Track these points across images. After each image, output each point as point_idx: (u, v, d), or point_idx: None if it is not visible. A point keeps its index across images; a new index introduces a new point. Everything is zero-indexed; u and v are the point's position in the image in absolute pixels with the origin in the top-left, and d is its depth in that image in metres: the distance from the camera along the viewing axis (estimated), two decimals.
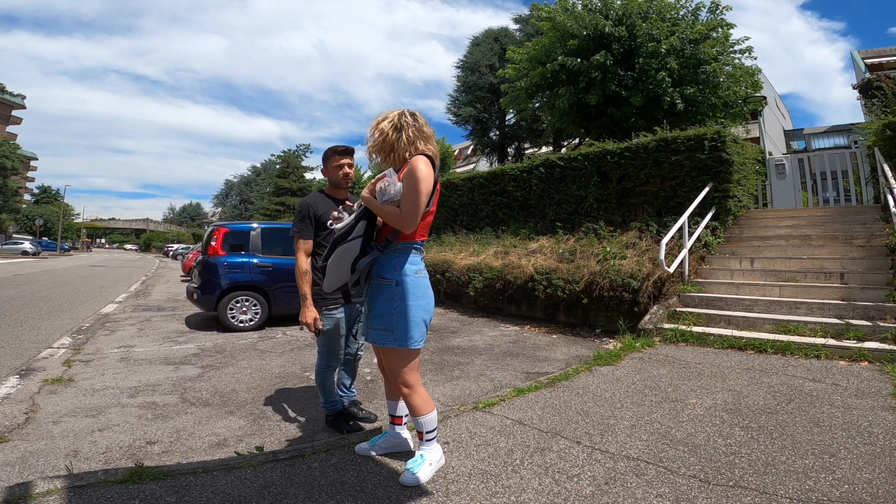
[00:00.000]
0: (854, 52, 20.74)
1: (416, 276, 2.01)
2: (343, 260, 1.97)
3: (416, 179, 1.88)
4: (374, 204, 1.94)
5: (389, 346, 1.98)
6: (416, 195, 1.88)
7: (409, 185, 1.88)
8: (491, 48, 19.70)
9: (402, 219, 1.89)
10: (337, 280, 2.02)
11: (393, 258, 2.00)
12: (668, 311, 5.32)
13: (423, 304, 2.01)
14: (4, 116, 54.51)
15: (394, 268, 1.98)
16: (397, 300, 1.96)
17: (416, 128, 2.02)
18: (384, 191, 1.92)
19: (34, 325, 6.12)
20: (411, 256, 2.01)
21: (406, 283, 1.97)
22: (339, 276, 2.00)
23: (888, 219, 5.87)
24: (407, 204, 1.89)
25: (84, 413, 3.04)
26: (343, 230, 1.99)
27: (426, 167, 1.92)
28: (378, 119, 2.06)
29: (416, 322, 1.98)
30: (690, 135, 6.83)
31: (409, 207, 1.88)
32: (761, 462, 2.20)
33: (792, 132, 25.17)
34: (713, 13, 10.14)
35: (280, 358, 4.60)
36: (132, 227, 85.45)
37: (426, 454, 2.06)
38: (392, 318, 1.96)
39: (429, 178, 1.91)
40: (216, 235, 6.27)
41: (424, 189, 1.89)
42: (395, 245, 2.00)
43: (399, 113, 2.04)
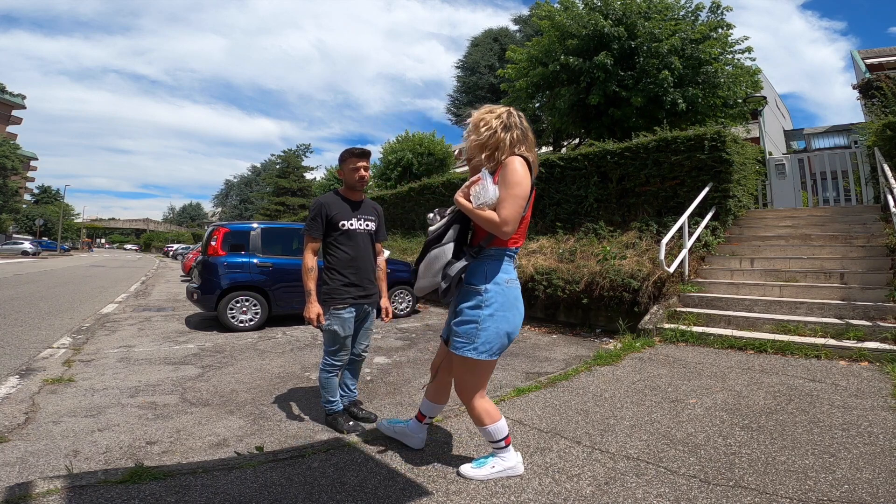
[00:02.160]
0: (854, 52, 20.73)
1: (506, 285, 1.91)
2: (434, 264, 1.88)
3: (513, 183, 1.79)
4: (468, 208, 1.83)
5: (466, 355, 1.90)
6: (514, 200, 1.78)
7: (507, 189, 1.79)
8: (490, 48, 19.73)
9: (498, 225, 1.79)
10: (428, 284, 1.93)
11: (485, 265, 1.91)
12: (668, 311, 5.32)
13: (509, 317, 1.92)
14: (4, 116, 54.53)
15: (484, 275, 1.90)
16: (484, 309, 1.88)
17: (522, 130, 1.93)
18: (479, 194, 1.82)
19: (34, 325, 6.12)
20: (504, 264, 1.93)
21: (495, 293, 1.89)
22: (430, 280, 1.92)
23: (888, 219, 5.87)
24: (504, 209, 1.78)
25: (84, 413, 3.04)
26: (435, 233, 1.93)
27: (524, 169, 1.83)
28: (482, 112, 1.95)
29: (499, 334, 1.90)
30: (690, 135, 6.83)
31: (507, 213, 1.78)
32: (761, 462, 2.20)
33: (792, 132, 25.15)
34: (714, 13, 10.14)
35: (280, 358, 4.60)
36: (132, 227, 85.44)
37: (494, 457, 2.08)
38: (475, 328, 1.88)
39: (527, 182, 1.83)
40: (216, 235, 6.27)
41: (522, 193, 1.81)
42: (487, 251, 1.91)
43: (507, 110, 1.94)
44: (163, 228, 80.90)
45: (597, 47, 9.79)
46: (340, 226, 2.71)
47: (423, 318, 7.24)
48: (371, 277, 2.85)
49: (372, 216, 2.88)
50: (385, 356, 4.70)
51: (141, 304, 8.84)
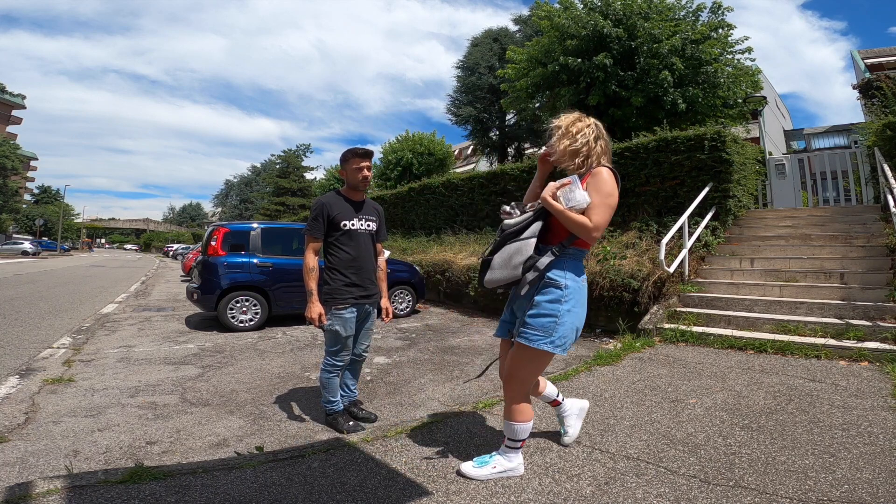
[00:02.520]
0: (854, 52, 20.74)
1: (582, 283, 2.02)
2: (514, 258, 1.93)
3: (607, 192, 1.90)
4: (559, 209, 1.89)
5: (541, 349, 1.93)
6: (606, 208, 1.90)
7: (601, 197, 1.89)
8: (490, 48, 19.71)
9: (590, 230, 1.87)
10: (503, 276, 1.97)
11: (565, 262, 1.98)
12: (668, 311, 5.32)
13: (580, 313, 2.01)
14: (4, 116, 54.53)
15: (564, 272, 1.97)
16: (563, 304, 1.94)
17: (606, 141, 2.05)
18: (570, 197, 1.89)
19: (34, 325, 6.12)
20: (580, 263, 2.03)
21: (574, 290, 1.97)
22: (506, 273, 1.96)
23: (888, 219, 5.87)
24: (598, 215, 1.88)
25: (84, 413, 3.04)
26: (515, 228, 1.97)
27: (613, 180, 1.94)
28: (575, 120, 2.04)
29: (573, 329, 1.98)
30: (690, 135, 6.82)
31: (599, 219, 1.87)
32: (761, 462, 2.20)
33: (792, 132, 25.15)
34: (714, 13, 10.14)
35: (280, 358, 4.60)
36: (132, 227, 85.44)
37: (497, 457, 2.09)
38: (555, 322, 1.93)
39: (616, 192, 1.94)
40: (216, 235, 6.27)
41: (613, 203, 1.92)
42: (568, 250, 1.97)
43: (595, 121, 2.06)
44: (163, 228, 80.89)
45: (596, 48, 9.79)
46: (342, 226, 2.71)
47: (423, 318, 7.24)
48: (372, 277, 2.85)
49: (373, 216, 2.88)
50: (385, 356, 4.70)
51: (141, 304, 8.84)
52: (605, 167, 1.96)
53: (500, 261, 1.97)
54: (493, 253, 2.00)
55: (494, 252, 2.00)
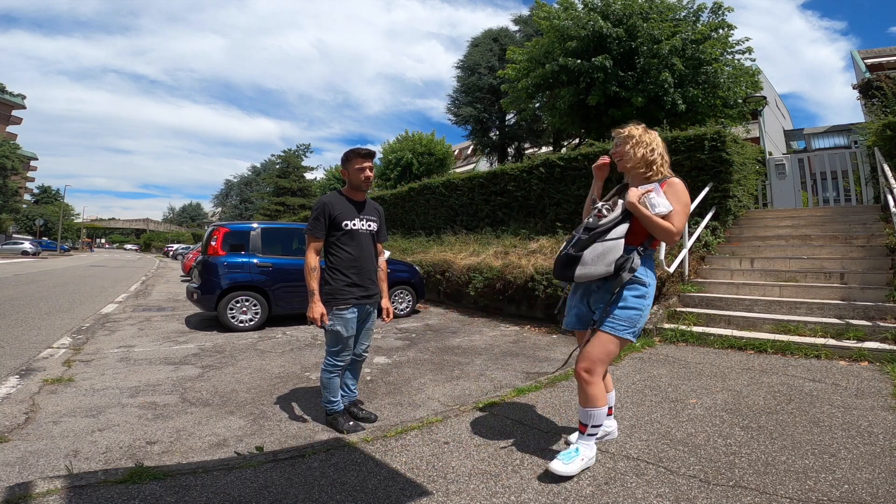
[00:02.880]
0: (854, 52, 20.73)
1: (656, 280, 2.27)
2: (607, 256, 2.10)
3: (685, 201, 2.14)
4: (647, 214, 2.08)
5: (625, 337, 2.13)
6: (685, 214, 2.15)
7: (681, 205, 2.12)
8: (490, 49, 19.68)
9: (674, 234, 2.08)
10: (597, 272, 2.12)
11: (646, 262, 2.19)
12: (668, 311, 5.32)
13: (650, 307, 2.25)
14: (4, 116, 54.52)
15: (647, 271, 2.18)
16: (647, 300, 2.16)
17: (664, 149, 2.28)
18: (654, 203, 2.09)
19: (34, 325, 6.12)
20: (653, 262, 2.27)
21: (652, 287, 2.20)
22: (601, 269, 2.11)
23: (888, 219, 5.88)
24: (679, 221, 2.10)
25: (84, 413, 3.04)
26: (605, 227, 2.14)
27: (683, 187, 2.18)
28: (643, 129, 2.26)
29: (644, 321, 2.20)
30: (690, 135, 6.83)
31: (680, 224, 2.10)
32: (761, 462, 2.20)
33: (792, 132, 25.14)
34: (715, 14, 10.14)
35: (280, 358, 4.60)
36: (132, 227, 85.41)
37: (582, 448, 2.16)
38: (639, 315, 2.13)
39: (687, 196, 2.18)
40: (216, 235, 6.27)
41: (690, 210, 2.21)
42: (648, 251, 2.21)
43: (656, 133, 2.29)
44: (163, 228, 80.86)
45: (596, 48, 9.78)
46: (343, 226, 2.71)
47: (423, 318, 7.24)
48: (373, 277, 2.85)
49: (374, 217, 2.88)
50: (385, 356, 4.70)
51: (141, 304, 8.84)
52: (676, 178, 2.20)
53: (591, 257, 2.12)
54: (581, 249, 2.16)
55: (581, 249, 2.15)
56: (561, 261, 2.21)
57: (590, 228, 2.18)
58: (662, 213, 2.09)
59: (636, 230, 2.15)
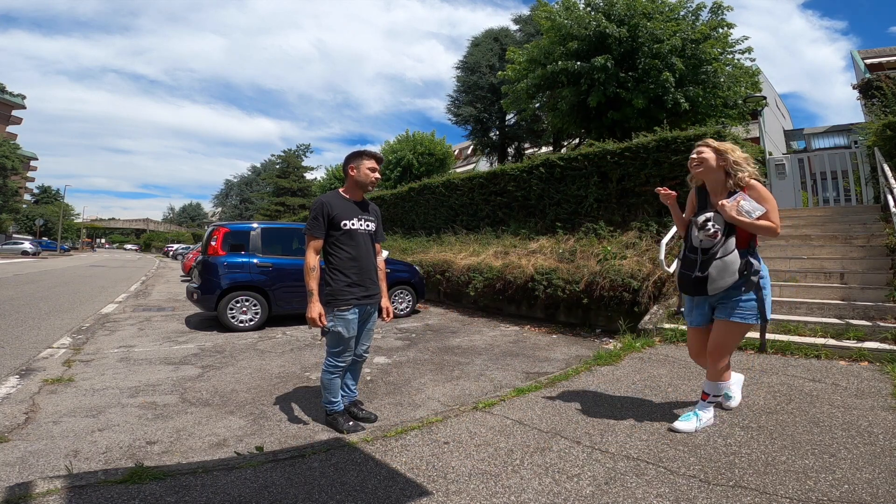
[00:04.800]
0: (854, 52, 20.73)
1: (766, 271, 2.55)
2: (730, 267, 2.43)
3: (770, 198, 2.42)
4: (748, 222, 2.38)
5: (753, 323, 2.49)
6: (776, 210, 2.41)
7: (770, 203, 2.40)
8: (491, 48, 19.68)
9: (775, 229, 2.40)
10: (728, 283, 2.44)
11: (755, 256, 2.51)
12: (668, 311, 5.32)
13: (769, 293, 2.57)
14: (4, 116, 54.53)
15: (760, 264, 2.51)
16: (766, 288, 2.51)
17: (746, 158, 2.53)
18: (749, 210, 2.37)
19: (34, 325, 6.12)
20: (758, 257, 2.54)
21: (766, 275, 2.54)
22: (730, 280, 2.44)
23: (888, 219, 5.87)
24: (776, 216, 2.40)
25: (84, 413, 3.04)
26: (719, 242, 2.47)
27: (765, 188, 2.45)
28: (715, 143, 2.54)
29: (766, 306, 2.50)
30: (690, 135, 6.82)
31: (777, 219, 2.41)
32: (761, 462, 2.20)
33: (792, 132, 25.15)
34: (715, 13, 10.13)
35: (280, 358, 4.60)
36: (132, 227, 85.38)
37: (700, 412, 2.62)
38: (761, 303, 2.46)
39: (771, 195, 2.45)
40: (216, 235, 6.27)
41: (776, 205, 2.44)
42: (754, 249, 2.52)
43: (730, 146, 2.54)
44: (163, 228, 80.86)
45: (597, 49, 9.77)
46: (342, 225, 2.71)
47: (423, 318, 7.24)
48: (373, 277, 2.85)
49: (372, 217, 2.89)
50: (385, 356, 4.70)
51: (141, 304, 8.84)
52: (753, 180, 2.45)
53: (717, 272, 2.45)
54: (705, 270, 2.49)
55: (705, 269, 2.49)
56: (692, 283, 2.54)
57: (706, 249, 2.51)
58: (756, 216, 2.37)
59: (739, 236, 2.47)
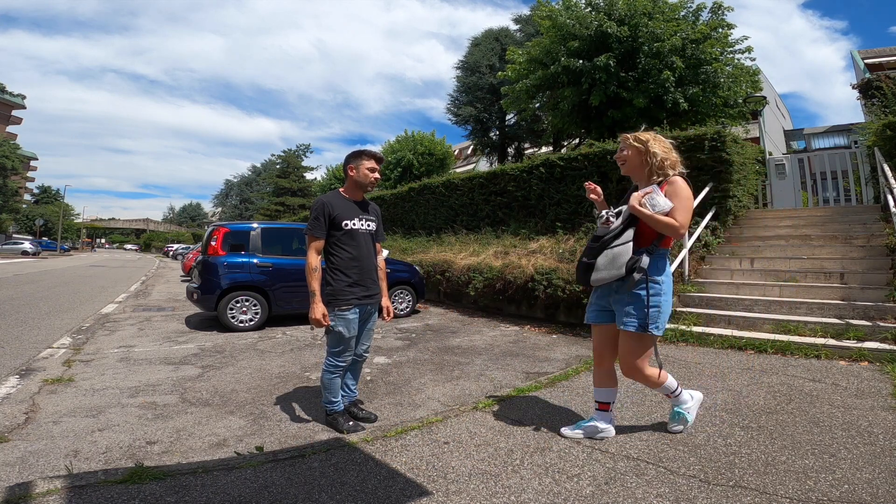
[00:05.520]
0: (854, 52, 20.74)
1: (670, 277, 2.37)
2: (618, 259, 2.26)
3: (686, 196, 2.25)
4: (648, 214, 2.22)
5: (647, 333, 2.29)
6: (686, 208, 2.24)
7: (681, 201, 2.23)
8: (491, 48, 19.68)
9: (678, 228, 2.21)
10: (609, 276, 2.29)
11: (658, 261, 2.32)
12: None
13: (670, 301, 2.37)
14: (4, 116, 54.52)
15: (658, 269, 2.31)
16: (662, 296, 2.30)
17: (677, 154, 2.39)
18: (654, 203, 2.22)
19: (34, 325, 6.12)
20: (666, 260, 2.36)
21: (666, 283, 2.33)
22: (613, 273, 2.28)
23: (888, 219, 5.87)
24: (681, 216, 2.21)
25: (84, 413, 3.04)
26: (613, 233, 2.31)
27: (687, 185, 2.29)
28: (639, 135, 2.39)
29: (666, 314, 2.33)
30: (690, 135, 6.82)
31: (683, 219, 2.22)
32: (761, 462, 2.20)
33: (792, 132, 25.14)
34: (715, 13, 10.13)
35: (280, 358, 4.60)
36: (132, 227, 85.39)
37: (678, 407, 2.55)
38: (656, 311, 2.28)
39: (692, 195, 2.31)
40: (216, 235, 6.27)
41: (692, 205, 2.29)
42: (659, 250, 2.32)
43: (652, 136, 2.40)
44: (163, 228, 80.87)
45: (598, 48, 9.77)
46: (343, 225, 2.71)
47: (423, 318, 7.24)
48: (374, 277, 2.85)
49: (372, 216, 2.89)
50: (385, 356, 4.70)
51: (141, 304, 8.84)
52: (679, 176, 2.30)
53: (604, 262, 2.30)
54: (594, 256, 2.34)
55: (594, 256, 2.34)
56: (580, 268, 2.41)
57: (599, 236, 2.34)
58: (664, 211, 2.19)
59: (644, 232, 2.29)
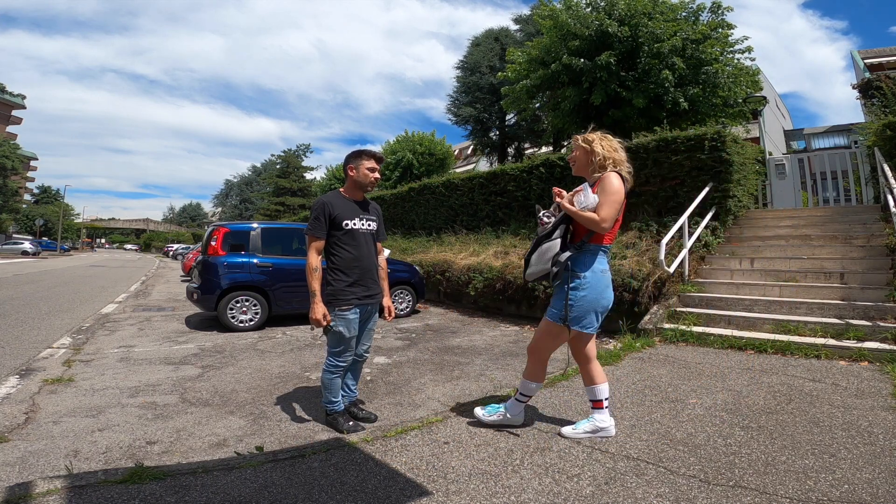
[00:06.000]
0: (854, 52, 20.74)
1: (601, 273, 2.39)
2: (546, 254, 2.36)
3: (611, 191, 2.29)
4: (572, 210, 2.32)
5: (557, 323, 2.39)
6: (611, 204, 2.27)
7: (606, 196, 2.28)
8: (491, 48, 19.68)
9: (598, 222, 2.26)
10: (537, 270, 2.40)
11: (585, 256, 2.37)
12: (668, 312, 5.32)
13: (596, 298, 2.37)
14: (4, 116, 54.53)
15: (584, 265, 2.37)
16: (580, 290, 2.35)
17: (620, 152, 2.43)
18: (580, 200, 2.31)
19: (34, 325, 6.11)
20: (599, 257, 2.40)
21: (590, 279, 2.36)
22: (540, 267, 2.39)
23: (888, 219, 5.87)
24: (603, 210, 2.27)
25: (84, 413, 3.04)
26: (545, 231, 2.41)
27: (619, 182, 2.32)
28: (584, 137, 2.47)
29: (587, 311, 2.37)
30: (690, 135, 6.82)
31: (604, 213, 2.27)
32: (761, 462, 2.20)
33: (792, 132, 25.13)
34: (715, 13, 10.13)
35: (280, 358, 4.60)
36: (132, 227, 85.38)
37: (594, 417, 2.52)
38: (572, 304, 2.34)
39: (621, 191, 2.32)
40: (216, 235, 6.27)
41: (618, 199, 2.30)
42: (588, 246, 2.37)
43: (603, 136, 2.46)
44: (163, 228, 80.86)
45: (599, 47, 9.77)
46: (344, 225, 2.71)
47: (423, 318, 7.24)
48: (375, 277, 2.84)
49: (373, 216, 2.89)
50: (385, 356, 4.70)
51: (141, 304, 8.84)
52: (615, 172, 2.34)
53: (535, 258, 2.41)
54: (530, 254, 2.43)
55: (531, 253, 2.43)
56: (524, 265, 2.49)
57: (538, 234, 2.46)
58: (590, 207, 2.28)
59: (578, 230, 2.41)
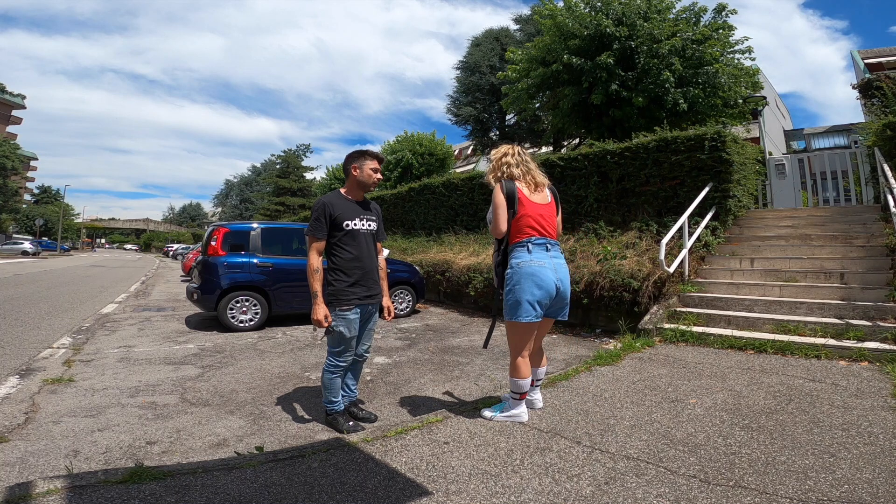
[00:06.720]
0: (854, 52, 20.75)
1: (518, 267, 2.62)
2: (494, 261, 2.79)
3: (493, 200, 2.69)
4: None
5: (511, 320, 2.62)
6: (494, 210, 2.67)
7: (490, 205, 2.70)
8: (492, 48, 19.69)
9: (491, 229, 2.70)
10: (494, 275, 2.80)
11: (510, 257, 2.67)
12: (668, 311, 5.32)
13: (525, 288, 2.57)
14: (4, 116, 54.55)
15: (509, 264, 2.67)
16: (507, 286, 2.64)
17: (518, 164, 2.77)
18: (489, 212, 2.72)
19: (34, 325, 6.12)
20: (516, 253, 2.66)
21: (513, 274, 2.62)
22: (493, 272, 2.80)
23: (888, 219, 5.87)
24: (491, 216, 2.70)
25: (84, 413, 3.04)
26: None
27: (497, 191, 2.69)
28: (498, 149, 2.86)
29: (517, 302, 2.58)
30: (690, 135, 6.82)
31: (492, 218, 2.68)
32: (761, 462, 2.20)
33: (792, 132, 25.14)
34: (718, 14, 10.12)
35: (280, 358, 4.60)
36: (132, 227, 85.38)
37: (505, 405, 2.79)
38: (507, 300, 2.63)
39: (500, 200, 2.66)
40: (216, 235, 6.27)
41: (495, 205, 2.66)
42: (510, 247, 2.69)
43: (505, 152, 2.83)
44: (163, 228, 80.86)
45: (598, 47, 9.78)
46: (344, 226, 2.71)
47: (423, 318, 7.24)
48: (375, 277, 2.85)
49: (373, 216, 2.89)
50: (385, 356, 4.70)
51: (141, 304, 8.84)
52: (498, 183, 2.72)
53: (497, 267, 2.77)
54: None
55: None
56: None
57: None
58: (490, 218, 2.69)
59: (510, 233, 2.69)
